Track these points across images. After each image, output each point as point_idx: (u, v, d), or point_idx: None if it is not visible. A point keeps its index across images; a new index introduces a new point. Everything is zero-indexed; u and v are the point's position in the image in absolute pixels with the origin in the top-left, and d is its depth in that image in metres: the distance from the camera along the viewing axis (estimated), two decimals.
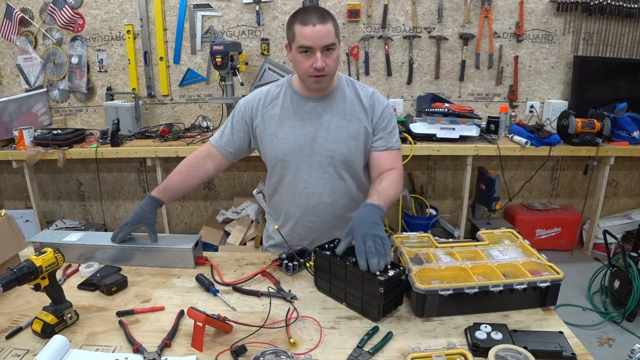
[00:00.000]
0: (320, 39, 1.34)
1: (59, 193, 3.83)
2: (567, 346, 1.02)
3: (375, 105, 1.52)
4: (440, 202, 3.76)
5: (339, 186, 1.54)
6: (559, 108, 3.31)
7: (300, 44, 1.36)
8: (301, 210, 1.57)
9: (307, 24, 1.33)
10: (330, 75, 1.42)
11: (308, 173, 1.52)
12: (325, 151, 1.50)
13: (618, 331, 2.54)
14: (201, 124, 3.46)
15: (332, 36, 1.35)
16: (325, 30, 1.34)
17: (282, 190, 1.59)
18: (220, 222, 3.42)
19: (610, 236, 2.80)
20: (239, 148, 1.59)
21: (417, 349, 1.01)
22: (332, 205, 1.56)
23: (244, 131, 1.56)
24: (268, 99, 1.54)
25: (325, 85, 1.44)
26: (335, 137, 1.49)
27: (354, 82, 1.56)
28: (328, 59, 1.37)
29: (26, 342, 1.08)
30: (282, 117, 1.51)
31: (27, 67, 3.43)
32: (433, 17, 3.33)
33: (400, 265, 1.19)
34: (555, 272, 1.19)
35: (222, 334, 1.10)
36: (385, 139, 1.53)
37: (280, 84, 1.56)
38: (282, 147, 1.51)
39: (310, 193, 1.54)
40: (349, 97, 1.51)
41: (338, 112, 1.50)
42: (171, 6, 3.33)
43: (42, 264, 1.09)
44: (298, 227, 1.60)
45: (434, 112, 3.04)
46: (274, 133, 1.51)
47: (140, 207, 1.48)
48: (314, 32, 1.33)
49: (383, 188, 1.42)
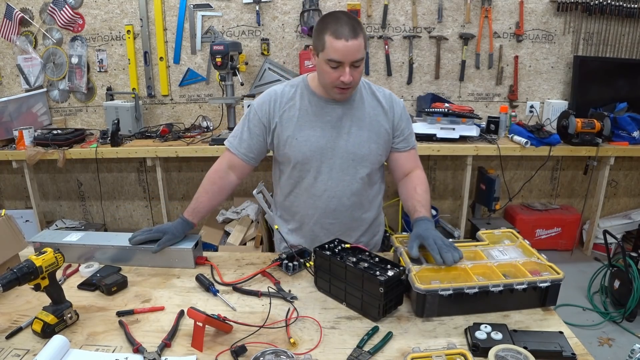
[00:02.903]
0: (351, 54, 1.31)
1: (59, 193, 3.83)
2: (567, 346, 1.02)
3: (394, 106, 1.53)
4: (440, 202, 3.76)
5: (358, 188, 1.54)
6: (559, 108, 3.31)
7: (330, 57, 1.32)
8: (320, 213, 1.55)
9: (340, 37, 1.29)
10: (355, 87, 1.42)
11: (329, 176, 1.51)
12: (346, 154, 1.49)
13: (618, 331, 2.54)
14: (201, 124, 3.46)
15: (362, 51, 1.33)
16: (357, 45, 1.31)
17: (300, 192, 1.56)
18: (220, 222, 3.42)
19: (610, 236, 2.80)
20: (259, 152, 1.56)
21: (417, 349, 1.01)
22: (352, 207, 1.56)
23: (263, 134, 1.53)
24: (284, 100, 1.50)
25: (349, 95, 1.45)
26: (356, 140, 1.48)
27: (370, 83, 1.56)
28: (355, 72, 1.36)
29: (26, 342, 1.08)
30: (301, 119, 1.48)
31: (27, 67, 3.43)
32: (433, 17, 3.33)
33: (400, 265, 1.20)
34: (555, 272, 1.19)
35: (222, 334, 1.10)
36: (407, 140, 1.56)
37: (294, 85, 1.52)
38: (302, 150, 1.48)
39: (330, 195, 1.52)
40: (367, 99, 1.51)
41: (358, 114, 1.49)
42: (171, 6, 3.33)
43: (42, 264, 1.09)
44: (316, 228, 1.57)
45: (434, 112, 3.04)
46: (292, 135, 1.48)
47: (171, 224, 1.48)
48: (346, 48, 1.30)
49: (421, 196, 1.48)
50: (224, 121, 3.43)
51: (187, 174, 3.69)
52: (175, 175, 3.71)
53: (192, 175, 3.70)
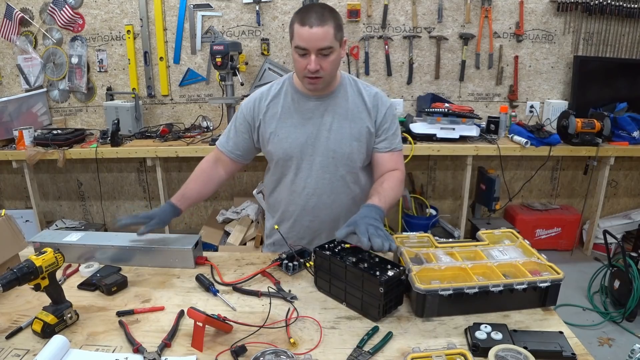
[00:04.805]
0: (315, 41, 1.30)
1: (59, 193, 3.83)
2: (567, 346, 1.02)
3: (379, 105, 1.51)
4: (440, 202, 3.76)
5: (339, 187, 1.53)
6: (559, 108, 3.31)
7: (296, 44, 1.34)
8: (300, 210, 1.56)
9: (305, 24, 1.30)
10: (326, 77, 1.39)
11: (308, 173, 1.51)
12: (326, 151, 1.48)
13: (618, 331, 2.54)
14: (201, 124, 3.46)
15: (329, 39, 1.31)
16: (322, 33, 1.30)
17: (282, 188, 1.58)
18: (220, 222, 3.42)
19: (610, 236, 2.80)
20: (245, 149, 1.59)
21: (417, 349, 1.01)
22: (332, 206, 1.55)
23: (248, 132, 1.55)
24: (269, 98, 1.52)
25: (320, 87, 1.42)
26: (337, 137, 1.48)
27: (357, 81, 1.54)
28: (324, 61, 1.34)
29: (26, 342, 1.08)
30: (283, 116, 1.49)
31: (27, 67, 3.43)
32: (433, 17, 3.33)
33: (400, 265, 1.19)
34: (555, 272, 1.19)
35: (222, 334, 1.10)
36: (389, 140, 1.52)
37: (281, 82, 1.54)
38: (283, 146, 1.49)
39: (310, 193, 1.53)
40: (351, 96, 1.50)
41: (340, 111, 1.48)
42: (171, 6, 3.33)
43: (42, 264, 1.09)
44: (297, 226, 1.59)
45: (434, 112, 3.04)
46: (274, 132, 1.50)
47: (158, 209, 1.52)
48: (310, 34, 1.30)
49: (384, 190, 1.42)
50: (224, 121, 3.43)
51: (187, 174, 3.62)
52: (175, 175, 3.71)
53: None
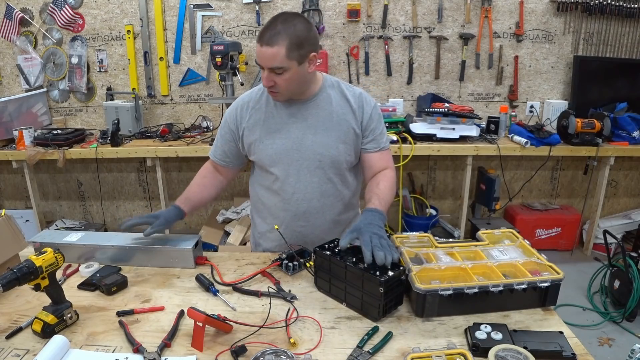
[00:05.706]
0: (264, 60, 1.31)
1: (59, 193, 3.83)
2: (567, 346, 1.02)
3: (364, 105, 1.50)
4: (440, 202, 3.76)
5: (328, 190, 1.52)
6: (559, 108, 3.31)
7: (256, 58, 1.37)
8: (291, 216, 1.54)
9: (259, 40, 1.31)
10: (283, 92, 1.39)
11: (296, 178, 1.49)
12: (313, 155, 1.47)
13: (618, 331, 2.54)
14: (201, 124, 3.46)
15: (278, 60, 1.29)
16: (270, 54, 1.29)
17: (270, 195, 1.57)
18: (220, 222, 3.42)
19: (610, 236, 2.80)
20: (234, 156, 1.60)
21: (417, 349, 1.01)
22: (322, 210, 1.54)
23: (234, 140, 1.56)
24: (251, 105, 1.51)
25: (280, 99, 1.43)
26: (323, 141, 1.47)
27: (340, 82, 1.53)
28: (277, 78, 1.34)
29: (26, 342, 1.08)
30: (267, 122, 1.48)
31: (27, 67, 3.43)
32: (433, 17, 3.33)
33: (400, 265, 1.19)
34: (555, 272, 1.19)
35: (222, 334, 1.10)
36: (376, 140, 1.53)
37: (262, 87, 1.51)
38: (269, 152, 1.48)
39: (299, 198, 1.51)
40: (335, 99, 1.49)
41: (324, 114, 1.47)
42: (171, 6, 3.33)
43: (42, 264, 1.09)
44: (288, 232, 1.54)
45: (434, 112, 3.04)
46: (259, 139, 1.49)
47: (163, 210, 1.53)
48: (260, 52, 1.31)
49: (381, 191, 1.43)
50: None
51: (187, 174, 3.69)
52: (175, 175, 3.71)
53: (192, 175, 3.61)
